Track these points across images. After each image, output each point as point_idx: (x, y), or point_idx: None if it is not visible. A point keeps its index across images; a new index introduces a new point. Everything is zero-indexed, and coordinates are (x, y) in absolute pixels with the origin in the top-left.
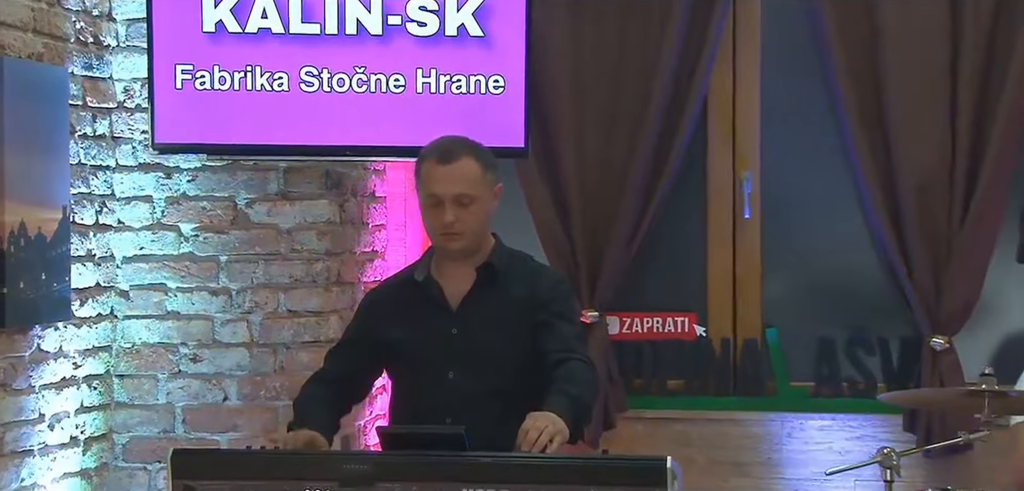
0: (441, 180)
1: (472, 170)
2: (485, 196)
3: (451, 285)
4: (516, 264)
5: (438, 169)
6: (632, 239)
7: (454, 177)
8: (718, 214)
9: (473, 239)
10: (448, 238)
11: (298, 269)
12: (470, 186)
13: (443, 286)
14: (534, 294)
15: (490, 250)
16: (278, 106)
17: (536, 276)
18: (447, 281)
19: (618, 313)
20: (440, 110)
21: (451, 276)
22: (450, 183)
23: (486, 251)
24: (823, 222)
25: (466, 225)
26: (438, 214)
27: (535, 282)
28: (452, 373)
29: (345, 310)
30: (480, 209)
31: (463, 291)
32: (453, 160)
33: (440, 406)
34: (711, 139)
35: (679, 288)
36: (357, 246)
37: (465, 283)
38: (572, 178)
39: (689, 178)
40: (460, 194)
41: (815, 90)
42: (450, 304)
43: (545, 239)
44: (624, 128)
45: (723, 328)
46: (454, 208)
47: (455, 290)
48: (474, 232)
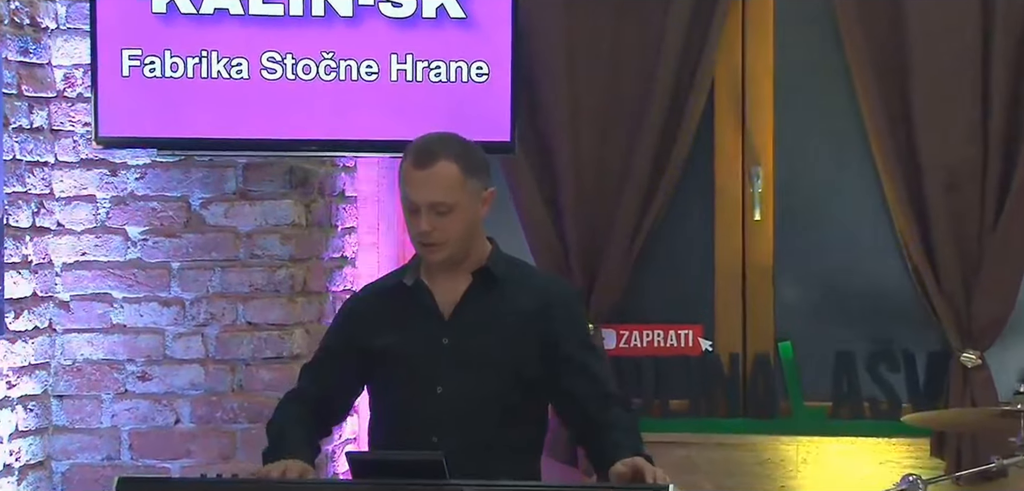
0: (416, 185)
1: (450, 176)
2: (466, 204)
3: (443, 291)
4: (517, 273)
5: (414, 173)
6: (631, 243)
7: (429, 183)
8: (726, 215)
9: (456, 249)
10: (427, 249)
11: (259, 277)
12: (447, 194)
13: (434, 291)
14: (547, 313)
15: (486, 256)
16: (237, 96)
17: (546, 290)
18: (438, 286)
19: (616, 325)
20: (417, 100)
21: (443, 281)
22: (425, 189)
23: (481, 256)
24: (842, 224)
25: (445, 235)
26: (416, 221)
27: (546, 298)
28: (441, 387)
29: (311, 322)
30: (461, 218)
31: (456, 298)
32: (429, 164)
33: (427, 423)
34: (719, 132)
35: (683, 297)
36: (325, 251)
37: (458, 289)
38: (565, 175)
39: (694, 175)
40: (436, 202)
41: (833, 78)
42: (441, 311)
43: (535, 242)
44: (623, 120)
45: (732, 342)
46: (430, 217)
47: (447, 296)
48: (457, 241)
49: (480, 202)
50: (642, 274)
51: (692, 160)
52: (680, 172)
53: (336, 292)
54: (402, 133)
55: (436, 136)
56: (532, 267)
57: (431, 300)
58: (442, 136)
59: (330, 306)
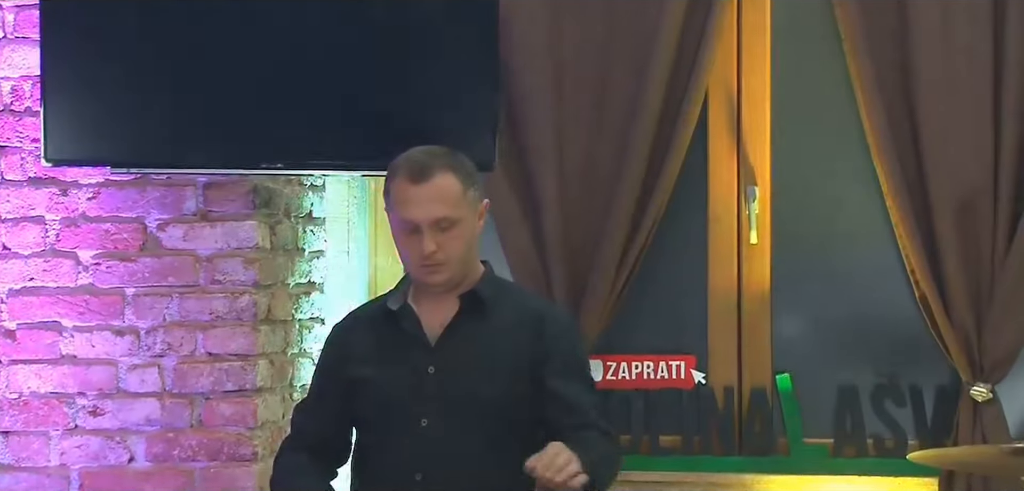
0: (416, 203)
1: (451, 188)
2: (469, 217)
3: (430, 315)
4: (509, 296)
5: (411, 190)
6: (619, 268)
7: (430, 198)
8: (720, 239)
9: (459, 268)
10: (429, 270)
11: (220, 304)
12: (451, 207)
13: (421, 316)
14: (539, 339)
15: (477, 277)
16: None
17: (540, 316)
18: (426, 311)
19: (602, 356)
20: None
21: (431, 307)
22: (427, 205)
23: (473, 278)
24: (845, 248)
25: (450, 253)
26: (416, 243)
27: (539, 323)
28: (426, 420)
29: (276, 353)
30: (464, 233)
31: (444, 322)
32: (428, 177)
33: (410, 459)
34: (713, 150)
35: (674, 327)
36: (291, 277)
37: (447, 313)
38: (548, 194)
39: (686, 196)
40: (440, 218)
41: (834, 92)
42: (428, 337)
43: (515, 265)
44: (611, 137)
45: (726, 374)
46: (434, 234)
47: (435, 322)
48: (460, 260)
49: (477, 214)
50: (631, 301)
51: (684, 180)
52: (671, 193)
53: (303, 320)
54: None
55: (424, 149)
56: (524, 290)
57: (417, 326)
58: (430, 148)
59: (296, 335)
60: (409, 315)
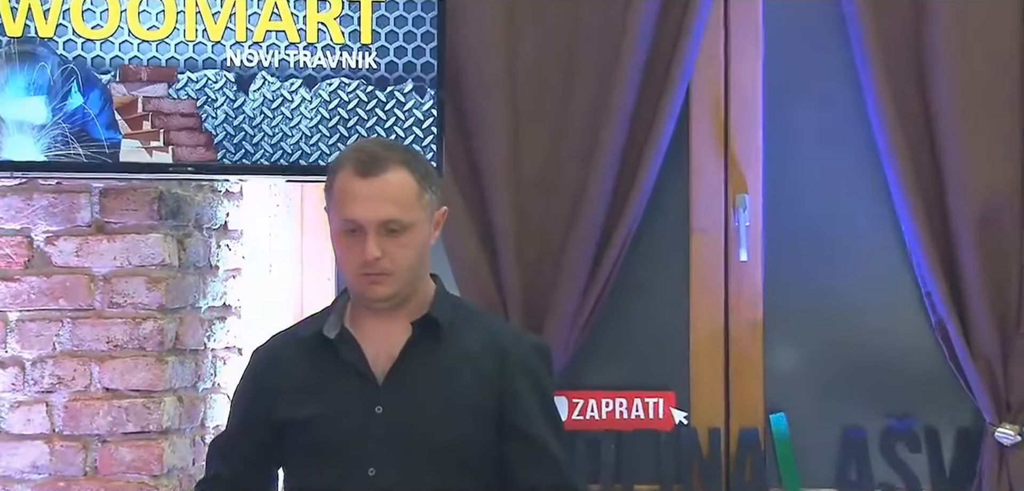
0: (362, 199)
1: (405, 186)
2: (423, 223)
3: (375, 344)
4: (469, 320)
5: (358, 184)
6: (586, 289)
7: (380, 195)
8: (705, 256)
9: (406, 282)
10: (371, 281)
11: (119, 331)
12: (403, 208)
13: (364, 346)
14: (503, 370)
15: (430, 298)
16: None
17: (504, 344)
18: (370, 339)
19: (567, 392)
20: None
21: (375, 332)
22: (374, 204)
23: (424, 300)
24: (850, 268)
25: (398, 262)
26: (357, 247)
27: (502, 351)
28: (373, 469)
29: (185, 388)
30: (416, 240)
31: (392, 354)
32: (379, 171)
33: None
34: (695, 153)
35: (651, 357)
36: (202, 300)
37: (395, 342)
38: (504, 204)
39: (665, 206)
40: (388, 219)
41: (838, 86)
42: (374, 371)
43: (466, 287)
44: (576, 138)
45: (712, 413)
46: (380, 238)
47: (381, 351)
48: (408, 272)
49: (433, 221)
50: (600, 328)
51: (663, 189)
52: (647, 203)
53: (217, 350)
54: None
55: (374, 140)
56: (486, 313)
57: (360, 357)
58: (380, 141)
59: (209, 367)
60: (350, 343)
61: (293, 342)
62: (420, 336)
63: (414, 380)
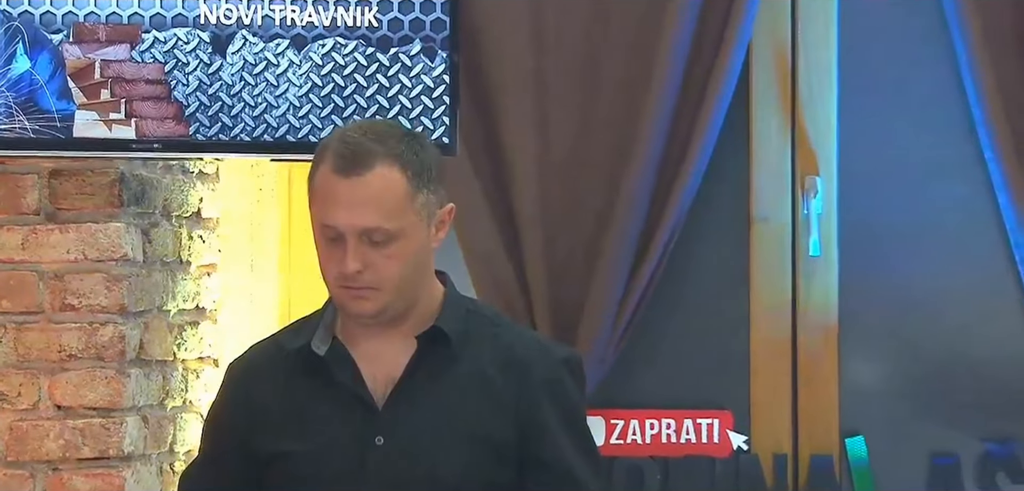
0: (340, 203)
1: (392, 188)
2: (415, 229)
3: (373, 361)
4: (483, 330)
5: (336, 183)
6: (626, 290)
7: (360, 199)
8: (768, 249)
9: (396, 297)
10: (352, 295)
11: (74, 338)
12: (387, 214)
13: (359, 363)
14: (524, 391)
15: (437, 306)
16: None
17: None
18: (367, 356)
19: (604, 411)
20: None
21: (373, 348)
22: (354, 208)
23: (430, 308)
24: (939, 264)
25: (382, 276)
26: (336, 257)
27: (524, 367)
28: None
29: (150, 406)
30: (406, 250)
31: (393, 374)
32: (360, 169)
33: None
34: (757, 130)
35: (703, 371)
36: (171, 301)
37: (397, 360)
38: (528, 189)
39: (720, 193)
40: (370, 228)
41: (926, 49)
42: (372, 395)
43: (483, 287)
44: (613, 113)
45: (776, 437)
46: (361, 249)
47: (380, 371)
48: (396, 287)
49: (433, 226)
50: (643, 337)
51: (717, 170)
52: (698, 187)
53: (189, 361)
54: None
55: (365, 126)
56: (506, 321)
57: (356, 378)
58: (374, 126)
59: (179, 382)
60: (343, 362)
61: (277, 356)
62: (426, 352)
63: (420, 406)
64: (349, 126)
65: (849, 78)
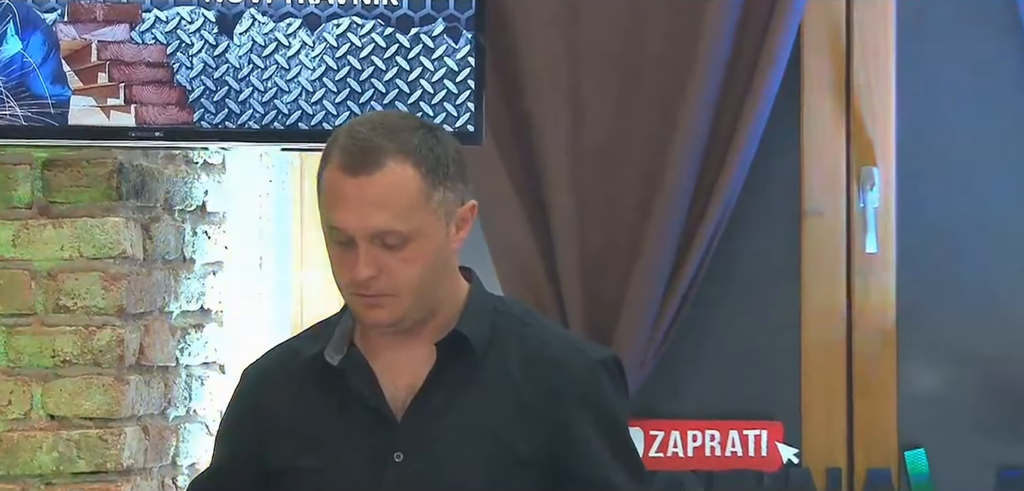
0: (349, 204)
1: (405, 186)
2: (432, 228)
3: (391, 370)
4: (510, 332)
5: (344, 182)
6: (668, 290)
7: (371, 199)
8: (820, 246)
9: (414, 303)
10: (366, 303)
11: (68, 342)
12: (401, 215)
13: (377, 372)
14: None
15: (459, 307)
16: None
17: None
18: (384, 363)
19: (643, 421)
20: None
21: (392, 355)
22: (364, 210)
23: (452, 311)
24: (1006, 261)
25: (398, 281)
26: (348, 262)
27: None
28: None
29: (152, 415)
30: (423, 252)
31: (413, 383)
32: (370, 167)
33: None
34: (808, 114)
35: (751, 377)
36: (174, 302)
37: (418, 369)
38: (561, 178)
39: (768, 183)
40: (382, 230)
41: (993, 27)
42: (391, 406)
43: (511, 285)
44: (654, 97)
45: (830, 449)
46: (374, 253)
47: (400, 381)
48: (414, 291)
49: (454, 224)
50: (685, 340)
51: (765, 159)
52: (745, 181)
53: (193, 367)
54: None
55: (375, 119)
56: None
57: (373, 389)
58: (385, 118)
59: (182, 390)
60: (360, 371)
61: (292, 363)
62: (448, 359)
63: (442, 417)
64: (359, 119)
65: (908, 62)
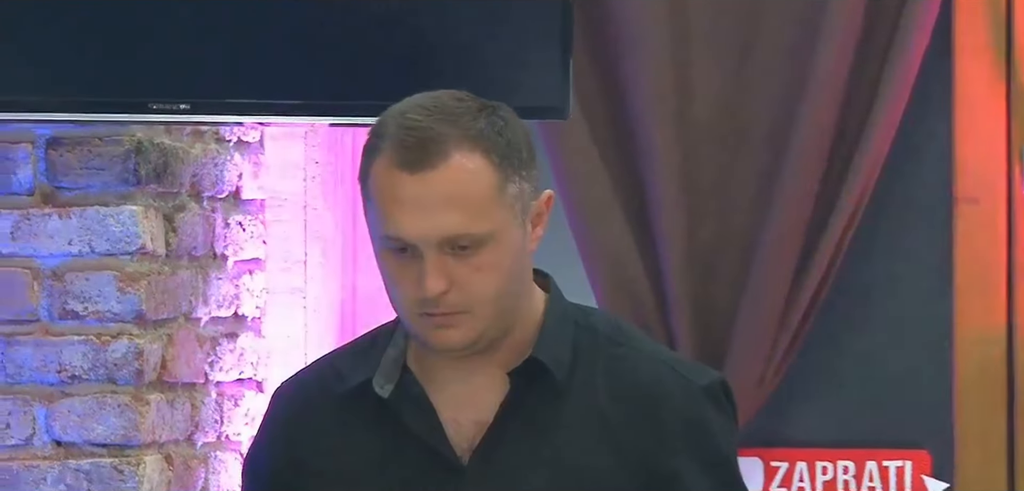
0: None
1: (476, 179)
2: (508, 226)
3: (455, 403)
4: (597, 350)
5: (400, 181)
6: (791, 295)
7: (437, 198)
8: (976, 240)
9: (492, 318)
10: (435, 324)
11: (76, 354)
12: (474, 214)
13: (441, 407)
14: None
15: (535, 327)
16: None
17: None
18: (446, 396)
19: (762, 450)
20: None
21: (454, 385)
22: (429, 213)
23: (526, 331)
24: None
25: (473, 293)
26: (409, 275)
27: (654, 402)
28: None
29: (176, 442)
30: (501, 255)
31: (482, 419)
32: (432, 159)
33: None
34: (961, 84)
35: (892, 399)
36: (202, 307)
37: (487, 400)
38: (665, 165)
39: (913, 166)
40: (452, 236)
41: None
42: (455, 448)
43: (605, 287)
44: (776, 64)
45: (987, 483)
46: (442, 262)
47: (466, 415)
48: (492, 304)
49: (528, 220)
50: (812, 356)
51: (909, 142)
52: (885, 164)
53: (224, 385)
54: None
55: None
56: (630, 334)
57: (434, 427)
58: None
59: (211, 412)
60: (417, 404)
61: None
62: (522, 389)
63: (516, 461)
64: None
65: None
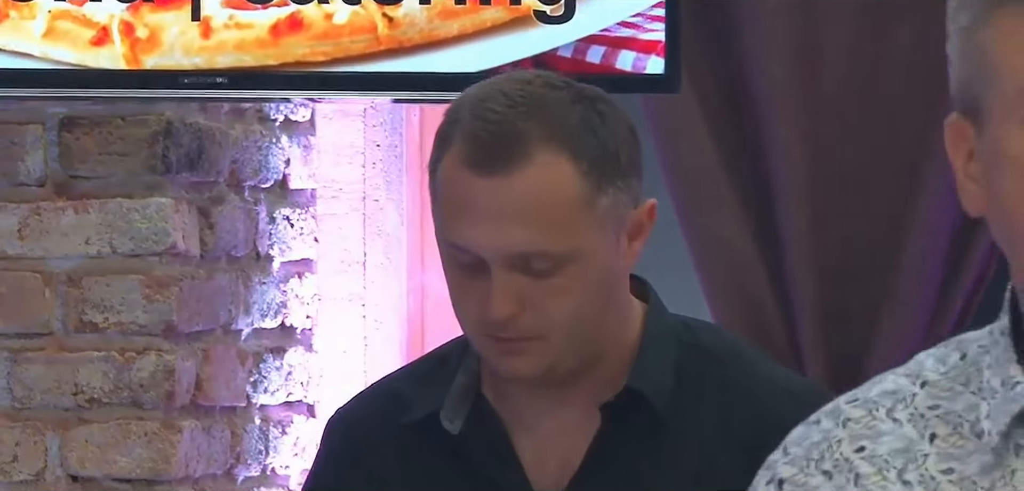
0: (479, 214)
1: (559, 187)
2: (596, 244)
3: (537, 441)
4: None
5: (471, 184)
6: (941, 302)
7: (511, 208)
8: None
9: (570, 347)
10: (502, 349)
11: (96, 373)
12: (554, 230)
13: (521, 445)
14: None
15: (631, 351)
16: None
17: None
18: (526, 431)
19: None
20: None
21: (535, 418)
22: (501, 225)
23: (622, 350)
24: None
25: (548, 320)
26: (476, 289)
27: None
28: None
29: (212, 478)
30: (584, 278)
31: (569, 458)
32: (508, 162)
33: None
34: None
35: None
36: (244, 317)
37: (576, 435)
38: (788, 147)
39: None
40: (529, 253)
41: None
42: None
43: (720, 291)
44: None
45: None
46: (513, 280)
47: (552, 453)
48: (571, 331)
49: (624, 233)
50: None
51: None
52: None
53: (269, 409)
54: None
55: (513, 87)
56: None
57: (511, 468)
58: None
59: (255, 441)
60: (492, 442)
61: (395, 417)
62: (615, 427)
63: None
64: (489, 87)
65: None
